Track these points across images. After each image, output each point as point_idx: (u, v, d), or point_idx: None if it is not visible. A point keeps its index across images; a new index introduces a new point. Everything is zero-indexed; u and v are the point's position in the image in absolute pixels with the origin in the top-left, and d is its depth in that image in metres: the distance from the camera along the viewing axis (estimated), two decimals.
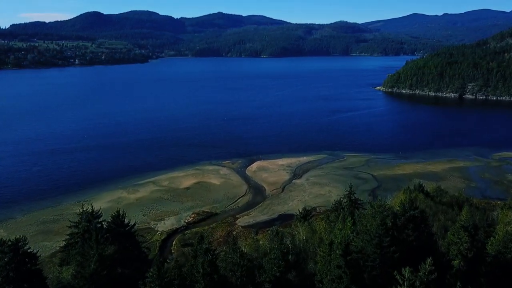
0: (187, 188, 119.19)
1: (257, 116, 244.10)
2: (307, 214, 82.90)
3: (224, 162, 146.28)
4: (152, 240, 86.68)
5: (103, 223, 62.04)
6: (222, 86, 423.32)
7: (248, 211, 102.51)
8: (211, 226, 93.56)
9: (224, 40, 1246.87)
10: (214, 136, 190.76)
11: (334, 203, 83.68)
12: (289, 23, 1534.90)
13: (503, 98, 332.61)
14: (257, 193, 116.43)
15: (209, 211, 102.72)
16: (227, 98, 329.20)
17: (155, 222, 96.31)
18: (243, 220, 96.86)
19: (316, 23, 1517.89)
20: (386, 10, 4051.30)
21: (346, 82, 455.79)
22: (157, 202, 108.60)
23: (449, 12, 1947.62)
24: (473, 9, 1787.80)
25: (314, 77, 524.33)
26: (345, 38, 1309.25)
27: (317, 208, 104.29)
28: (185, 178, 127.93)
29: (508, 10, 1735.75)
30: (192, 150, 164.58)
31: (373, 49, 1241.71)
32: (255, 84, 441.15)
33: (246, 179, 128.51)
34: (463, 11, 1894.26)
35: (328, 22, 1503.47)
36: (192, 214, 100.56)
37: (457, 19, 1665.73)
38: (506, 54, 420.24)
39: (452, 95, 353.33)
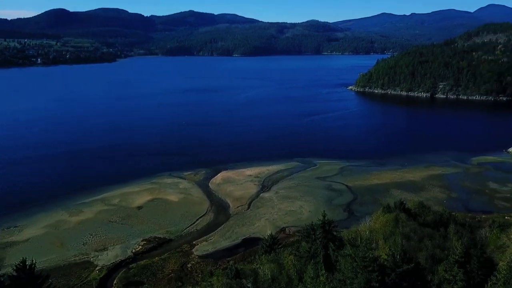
0: (140, 207, 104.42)
1: (224, 120, 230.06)
2: (274, 243, 70.60)
3: (185, 173, 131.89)
4: (89, 278, 71.93)
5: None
6: (188, 87, 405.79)
7: (208, 236, 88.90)
8: (162, 257, 79.44)
9: (196, 39, 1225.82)
10: (175, 143, 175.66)
11: (305, 228, 71.66)
12: (261, 21, 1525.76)
13: (474, 97, 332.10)
14: (220, 211, 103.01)
15: (162, 236, 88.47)
16: (191, 100, 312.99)
17: (96, 253, 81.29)
18: (201, 248, 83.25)
19: (288, 22, 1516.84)
20: (356, 9, 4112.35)
21: (318, 82, 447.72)
22: (102, 226, 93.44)
23: (416, 12, 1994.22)
24: (439, 9, 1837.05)
25: (286, 77, 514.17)
26: (316, 37, 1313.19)
27: (286, 229, 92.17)
28: (139, 195, 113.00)
29: (472, 10, 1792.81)
30: (150, 160, 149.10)
31: (344, 48, 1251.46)
32: (224, 84, 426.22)
33: (209, 194, 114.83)
34: (430, 11, 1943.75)
35: (300, 21, 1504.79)
36: (142, 241, 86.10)
37: (425, 18, 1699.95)
38: (474, 53, 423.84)
39: (424, 94, 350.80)
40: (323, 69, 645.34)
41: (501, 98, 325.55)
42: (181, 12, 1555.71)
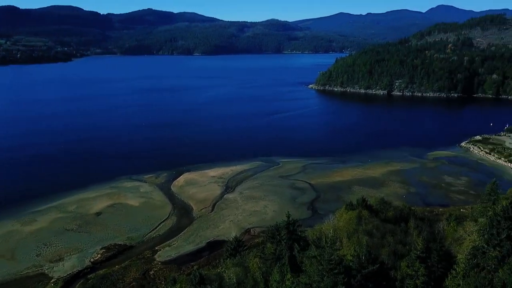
0: (98, 214, 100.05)
1: (186, 121, 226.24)
2: (238, 246, 69.45)
3: (146, 176, 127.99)
4: None
5: None
6: (147, 86, 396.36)
7: (171, 240, 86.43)
8: (123, 265, 76.25)
9: (155, 38, 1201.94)
10: (135, 145, 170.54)
11: (270, 228, 70.92)
12: (222, 20, 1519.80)
13: (428, 94, 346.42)
14: (183, 214, 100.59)
15: (122, 243, 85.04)
16: (152, 100, 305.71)
17: (51, 264, 76.83)
18: (164, 254, 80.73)
19: (249, 21, 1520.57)
20: (314, 9, 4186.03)
21: (279, 81, 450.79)
22: (58, 235, 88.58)
23: (372, 12, 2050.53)
24: (393, 9, 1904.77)
25: (247, 76, 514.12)
26: (277, 36, 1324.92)
27: (251, 230, 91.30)
28: (97, 200, 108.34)
29: (423, 11, 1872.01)
30: (109, 163, 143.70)
31: (304, 47, 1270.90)
32: (185, 84, 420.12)
33: (171, 197, 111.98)
34: (384, 11, 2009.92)
35: (260, 20, 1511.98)
36: (101, 249, 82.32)
37: (380, 18, 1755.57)
38: (427, 52, 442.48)
39: (381, 92, 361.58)
40: (284, 68, 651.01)
41: (452, 94, 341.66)
42: (139, 10, 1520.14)
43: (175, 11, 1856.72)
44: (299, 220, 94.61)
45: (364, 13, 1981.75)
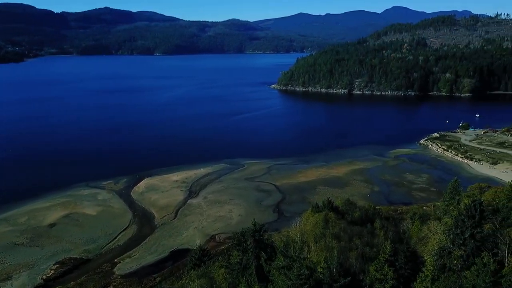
0: (52, 225, 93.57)
1: (146, 123, 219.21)
2: (203, 255, 66.42)
3: (104, 183, 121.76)
4: None
5: None
6: (105, 88, 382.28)
7: (132, 251, 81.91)
8: (78, 281, 71.13)
9: (114, 37, 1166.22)
10: (92, 149, 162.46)
11: (236, 235, 68.34)
12: (182, 20, 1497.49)
13: (386, 93, 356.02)
14: (144, 222, 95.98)
15: (78, 257, 79.61)
16: (110, 102, 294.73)
17: None
18: (124, 266, 76.22)
19: (210, 20, 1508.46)
20: (275, 9, 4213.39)
21: (241, 81, 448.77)
22: (6, 251, 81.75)
23: (331, 12, 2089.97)
24: (350, 10, 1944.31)
25: (209, 76, 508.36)
26: (238, 36, 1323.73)
27: (216, 237, 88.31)
28: (51, 210, 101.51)
29: (379, 12, 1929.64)
30: (64, 170, 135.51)
31: (266, 47, 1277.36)
32: (145, 85, 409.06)
33: (131, 204, 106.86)
34: (342, 12, 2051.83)
35: (221, 20, 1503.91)
36: (54, 264, 76.59)
37: (338, 19, 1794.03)
38: (384, 52, 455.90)
39: (342, 91, 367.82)
40: (246, 68, 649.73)
41: (409, 93, 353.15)
42: (96, 8, 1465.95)
43: (134, 10, 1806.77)
44: (265, 224, 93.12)
45: (323, 14, 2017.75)
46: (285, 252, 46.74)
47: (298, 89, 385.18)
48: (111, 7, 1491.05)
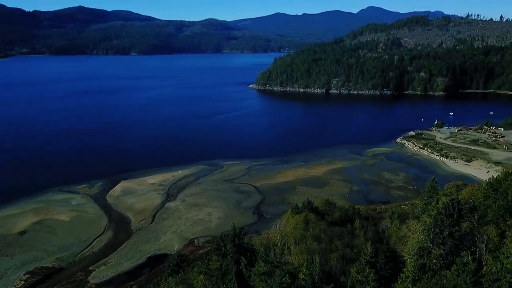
0: (23, 233, 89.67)
1: (123, 124, 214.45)
2: (181, 261, 64.66)
3: (78, 187, 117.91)
4: None
5: None
6: (81, 88, 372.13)
7: (107, 258, 79.21)
8: None
9: (88, 37, 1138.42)
10: (66, 153, 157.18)
11: (215, 239, 66.82)
12: (159, 19, 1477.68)
13: (363, 92, 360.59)
14: (120, 228, 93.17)
15: (51, 266, 76.39)
16: (85, 104, 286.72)
17: None
18: (99, 274, 73.55)
19: (187, 20, 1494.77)
20: (252, 9, 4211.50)
21: (220, 81, 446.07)
22: None
23: (307, 12, 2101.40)
24: (327, 10, 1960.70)
25: (187, 76, 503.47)
26: (216, 36, 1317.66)
27: (195, 241, 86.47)
28: (21, 217, 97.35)
29: (355, 12, 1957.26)
30: (35, 174, 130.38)
31: (243, 46, 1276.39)
32: (122, 85, 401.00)
33: (107, 209, 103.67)
34: (319, 12, 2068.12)
35: (199, 20, 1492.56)
36: (25, 274, 73.21)
37: (315, 18, 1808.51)
38: (360, 51, 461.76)
39: (320, 90, 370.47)
40: (224, 68, 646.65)
41: (385, 92, 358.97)
42: (69, 7, 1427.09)
43: (109, 9, 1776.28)
44: (245, 226, 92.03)
45: (300, 14, 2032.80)
46: (266, 257, 45.68)
47: (276, 89, 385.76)
48: (85, 6, 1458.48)
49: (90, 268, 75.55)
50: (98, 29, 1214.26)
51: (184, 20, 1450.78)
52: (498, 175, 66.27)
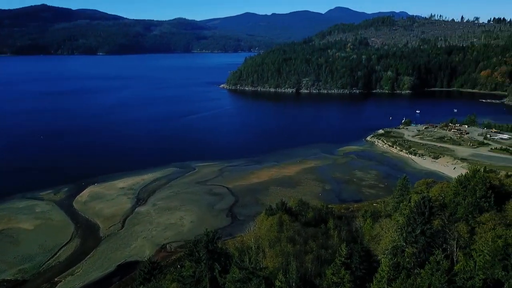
0: None
1: (90, 126, 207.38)
2: (153, 268, 62.45)
3: (42, 193, 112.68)
4: None
5: None
6: (44, 90, 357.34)
7: (74, 268, 75.73)
8: None
9: (52, 36, 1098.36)
10: (29, 157, 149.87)
11: (188, 244, 65.01)
12: (126, 18, 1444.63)
13: (333, 91, 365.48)
14: (88, 235, 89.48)
15: (13, 278, 72.25)
16: (50, 106, 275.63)
17: None
18: (66, 285, 70.16)
19: (155, 19, 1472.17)
20: (222, 8, 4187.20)
21: (190, 81, 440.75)
22: None
23: (277, 12, 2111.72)
24: (296, 10, 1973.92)
25: (157, 76, 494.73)
26: (185, 35, 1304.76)
27: (167, 246, 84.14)
28: None
29: (323, 12, 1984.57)
30: None
31: (213, 46, 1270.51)
32: (90, 86, 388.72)
33: (74, 215, 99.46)
34: (288, 12, 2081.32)
35: (167, 19, 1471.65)
36: None
37: (284, 18, 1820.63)
38: (329, 51, 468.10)
39: (290, 90, 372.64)
40: (194, 68, 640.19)
41: (354, 91, 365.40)
42: (32, 6, 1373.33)
43: (74, 7, 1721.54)
44: (219, 229, 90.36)
45: (269, 13, 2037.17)
46: (240, 263, 44.45)
47: (247, 88, 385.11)
48: (48, 4, 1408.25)
49: (56, 279, 71.98)
50: (63, 28, 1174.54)
51: (152, 19, 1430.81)
52: (467, 172, 67.83)
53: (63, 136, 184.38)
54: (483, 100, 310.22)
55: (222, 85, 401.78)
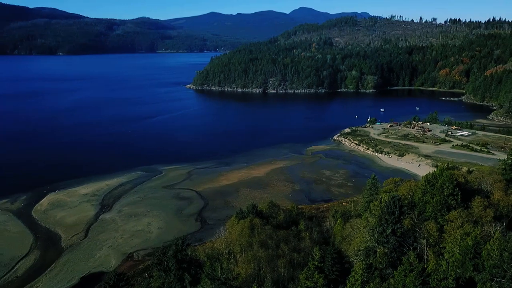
0: None
1: (48, 130, 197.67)
2: (118, 280, 59.35)
3: None
4: None
5: None
6: None
7: (34, 282, 71.08)
8: None
9: (8, 35, 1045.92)
10: None
11: (156, 253, 62.55)
12: (87, 17, 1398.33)
13: (299, 91, 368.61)
14: (49, 246, 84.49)
15: None
16: (1, 109, 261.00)
17: None
18: None
19: (118, 18, 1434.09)
20: (186, 8, 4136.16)
21: (155, 81, 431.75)
22: None
23: (242, 12, 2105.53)
24: (261, 10, 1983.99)
25: (119, 76, 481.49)
26: (149, 35, 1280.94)
27: (134, 255, 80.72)
28: None
29: (287, 12, 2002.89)
30: None
31: (179, 46, 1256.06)
32: (46, 88, 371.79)
33: (33, 225, 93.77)
34: (253, 12, 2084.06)
35: (130, 18, 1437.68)
36: None
37: (249, 18, 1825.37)
38: (294, 51, 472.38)
39: (257, 90, 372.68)
40: (159, 68, 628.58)
41: (320, 90, 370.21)
42: None
43: (31, 5, 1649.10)
44: (188, 234, 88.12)
45: (234, 13, 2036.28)
46: (212, 273, 42.64)
47: (214, 88, 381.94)
48: (3, 2, 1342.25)
49: None
50: (20, 28, 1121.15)
51: (115, 18, 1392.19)
52: (434, 170, 68.92)
53: (18, 141, 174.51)
54: (443, 98, 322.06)
55: (188, 85, 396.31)
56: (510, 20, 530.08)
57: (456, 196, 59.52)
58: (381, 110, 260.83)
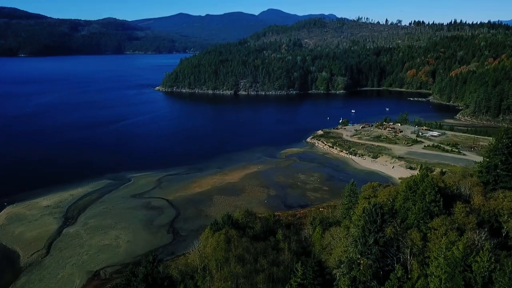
0: None
1: (6, 136, 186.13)
2: None
3: None
4: None
5: None
6: None
7: None
8: None
9: None
10: None
11: (125, 274, 57.39)
12: (50, 18, 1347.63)
13: (270, 92, 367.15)
14: (6, 266, 77.49)
15: None
16: None
17: None
18: None
19: (82, 19, 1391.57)
20: (154, 9, 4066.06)
21: (122, 83, 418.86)
22: None
23: (210, 13, 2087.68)
24: (229, 11, 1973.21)
25: (84, 78, 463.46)
26: (116, 36, 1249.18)
27: (101, 272, 75.14)
28: None
29: (256, 13, 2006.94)
30: None
31: (147, 47, 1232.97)
32: (5, 91, 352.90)
33: None
34: (222, 13, 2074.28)
35: (96, 19, 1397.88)
36: None
37: (218, 19, 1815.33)
38: (265, 52, 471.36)
39: (228, 92, 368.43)
40: (127, 69, 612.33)
41: (291, 91, 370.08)
42: None
43: None
44: (159, 248, 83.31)
45: (203, 14, 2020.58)
46: None
47: (184, 90, 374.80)
48: None
49: None
50: None
51: (79, 19, 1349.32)
52: (415, 175, 67.29)
53: None
54: (411, 99, 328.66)
55: (157, 87, 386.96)
56: (470, 22, 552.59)
57: (438, 203, 57.86)
58: (352, 111, 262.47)
